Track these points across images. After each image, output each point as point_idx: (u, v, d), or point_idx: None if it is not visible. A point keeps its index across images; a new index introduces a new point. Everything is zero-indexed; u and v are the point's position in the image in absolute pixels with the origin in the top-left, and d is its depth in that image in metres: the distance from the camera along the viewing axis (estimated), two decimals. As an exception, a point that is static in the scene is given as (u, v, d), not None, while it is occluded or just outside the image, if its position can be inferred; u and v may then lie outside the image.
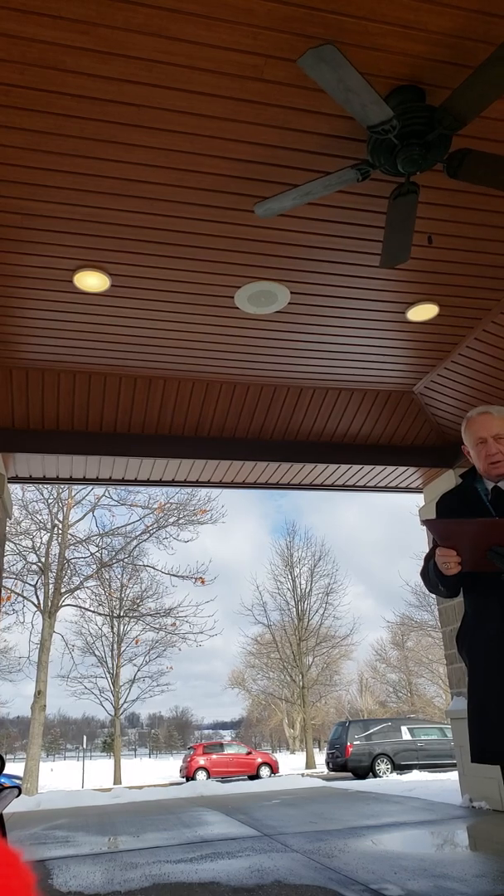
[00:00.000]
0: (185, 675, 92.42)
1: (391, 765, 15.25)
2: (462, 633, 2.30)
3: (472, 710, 2.17)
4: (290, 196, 3.22)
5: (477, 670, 2.19)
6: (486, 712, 2.11)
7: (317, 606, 33.05)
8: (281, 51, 2.81)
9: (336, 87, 2.66)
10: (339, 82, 2.63)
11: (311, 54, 2.49)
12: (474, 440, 2.28)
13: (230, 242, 4.02)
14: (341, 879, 3.45)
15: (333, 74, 2.60)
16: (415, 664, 34.78)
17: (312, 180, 3.18)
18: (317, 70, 2.59)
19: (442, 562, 2.08)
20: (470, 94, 2.65)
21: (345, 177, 3.14)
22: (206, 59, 2.84)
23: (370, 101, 2.71)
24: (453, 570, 2.06)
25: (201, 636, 22.18)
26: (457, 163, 3.01)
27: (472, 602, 2.27)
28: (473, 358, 5.35)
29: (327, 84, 2.66)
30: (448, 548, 2.07)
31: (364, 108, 2.76)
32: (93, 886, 3.59)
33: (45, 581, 19.52)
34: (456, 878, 3.37)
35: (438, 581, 2.19)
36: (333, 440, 6.32)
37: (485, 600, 2.18)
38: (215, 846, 4.62)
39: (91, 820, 6.56)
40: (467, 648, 2.26)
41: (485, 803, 5.78)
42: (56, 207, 3.65)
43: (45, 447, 5.70)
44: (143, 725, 74.99)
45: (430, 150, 2.93)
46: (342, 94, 2.69)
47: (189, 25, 2.70)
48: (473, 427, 2.29)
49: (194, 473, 6.50)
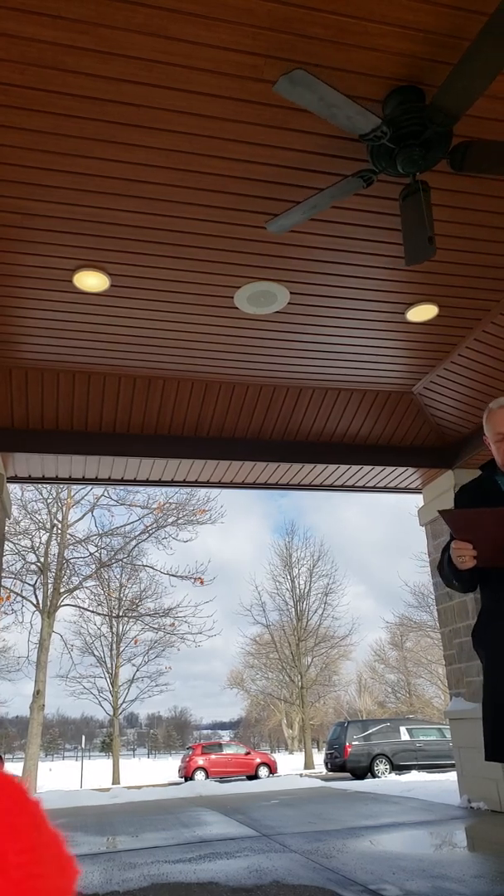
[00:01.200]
0: (185, 675, 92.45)
1: (390, 765, 15.25)
2: (478, 628, 2.27)
3: (487, 707, 2.15)
4: (299, 211, 3.29)
5: (492, 666, 2.18)
6: (500, 709, 2.10)
7: (315, 607, 33.08)
8: (281, 51, 2.81)
9: (318, 106, 2.73)
10: (319, 101, 2.70)
11: (285, 80, 2.58)
12: (494, 435, 2.24)
13: (230, 243, 4.02)
14: (340, 880, 3.45)
15: (312, 95, 2.67)
16: (413, 665, 34.77)
17: (318, 192, 3.23)
18: (294, 93, 2.67)
19: (457, 555, 2.04)
20: (455, 89, 2.65)
21: (350, 186, 3.16)
22: (206, 59, 2.84)
23: (354, 112, 2.76)
24: (468, 563, 2.03)
25: (200, 636, 22.15)
26: (460, 156, 2.99)
27: (487, 596, 2.23)
28: (473, 358, 5.35)
29: (308, 104, 2.73)
30: (464, 540, 2.03)
31: (350, 120, 2.81)
32: (91, 886, 3.58)
33: (44, 581, 19.50)
34: (454, 878, 3.37)
35: (453, 575, 2.16)
36: (333, 440, 6.32)
37: (501, 595, 2.15)
38: (214, 846, 4.61)
39: (89, 820, 6.56)
40: (482, 643, 2.23)
41: (483, 804, 5.78)
42: (56, 207, 3.65)
43: (44, 447, 5.70)
44: (142, 725, 75.00)
45: (430, 148, 2.93)
46: (325, 110, 2.76)
47: (189, 25, 2.70)
48: (494, 421, 2.25)
49: (193, 473, 6.49)
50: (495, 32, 2.42)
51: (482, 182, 3.60)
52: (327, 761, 16.81)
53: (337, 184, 3.19)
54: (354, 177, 3.14)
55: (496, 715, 2.11)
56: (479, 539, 2.01)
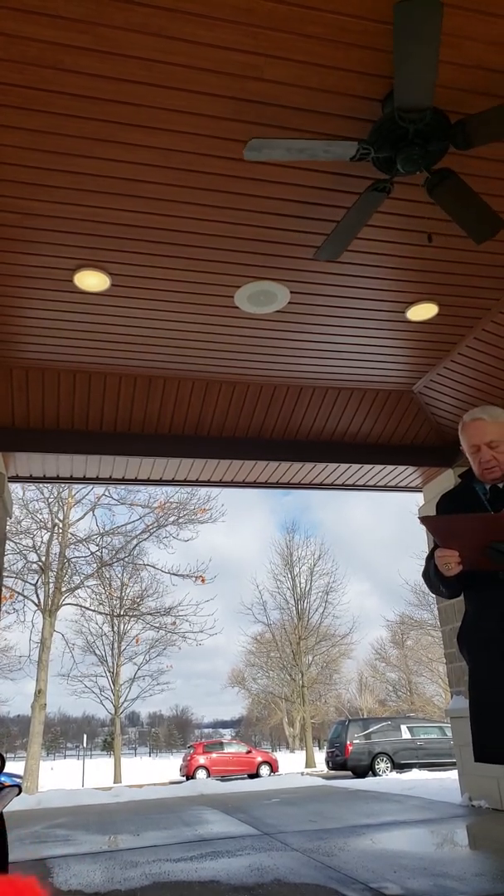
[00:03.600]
0: (188, 673, 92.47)
1: (391, 763, 15.26)
2: (462, 631, 2.31)
3: (473, 709, 2.17)
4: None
5: (477, 668, 2.20)
6: (486, 711, 2.11)
7: (316, 605, 33.10)
8: (281, 50, 2.81)
9: (292, 155, 2.86)
10: (288, 152, 2.86)
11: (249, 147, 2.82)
12: (469, 447, 2.29)
13: (230, 242, 4.02)
14: (341, 878, 3.45)
15: (278, 150, 2.81)
16: (414, 663, 34.80)
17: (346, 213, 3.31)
18: (264, 154, 2.83)
19: (442, 563, 2.07)
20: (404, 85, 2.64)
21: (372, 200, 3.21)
22: (206, 58, 2.84)
23: (326, 147, 2.85)
24: (454, 570, 2.06)
25: (201, 635, 22.17)
26: (461, 137, 2.95)
27: (471, 600, 2.27)
28: (473, 357, 5.35)
29: (283, 157, 2.86)
30: (447, 547, 2.07)
31: (328, 153, 2.90)
32: (93, 885, 3.59)
33: (46, 580, 19.52)
34: (455, 876, 3.38)
35: (439, 582, 2.19)
36: (333, 439, 6.32)
37: (484, 598, 2.18)
38: (215, 845, 4.62)
39: (91, 818, 6.57)
40: (468, 646, 2.26)
41: (484, 802, 5.79)
42: (56, 207, 3.65)
43: (45, 446, 5.70)
44: (144, 724, 75.06)
45: (428, 142, 2.91)
46: (300, 155, 2.88)
47: (188, 25, 2.70)
48: (467, 434, 2.30)
49: (194, 473, 6.50)
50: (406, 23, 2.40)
51: (479, 180, 3.60)
52: (328, 760, 16.82)
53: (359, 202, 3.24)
54: (371, 191, 3.16)
55: (482, 717, 2.13)
56: (461, 544, 2.04)
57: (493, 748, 2.09)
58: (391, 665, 38.13)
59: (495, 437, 2.23)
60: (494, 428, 2.24)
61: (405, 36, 2.43)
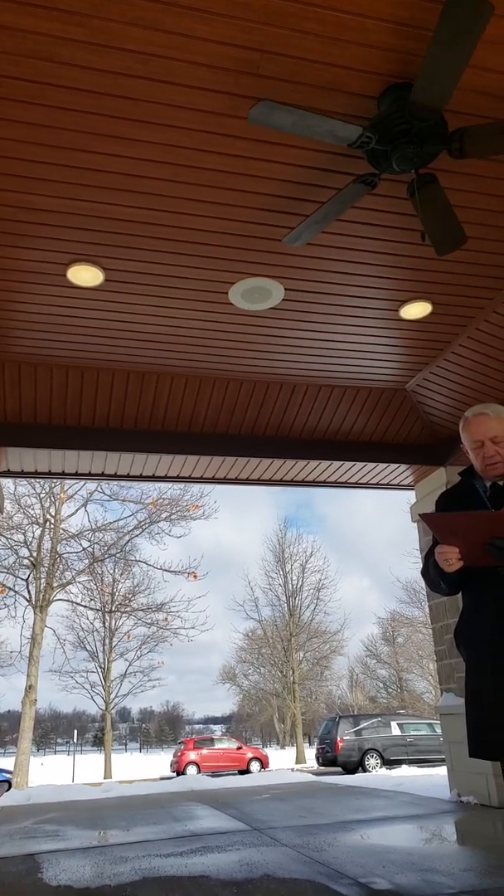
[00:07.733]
0: (181, 669, 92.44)
1: (381, 760, 15.34)
2: (460, 627, 2.31)
3: (469, 705, 2.18)
4: (312, 222, 3.36)
5: (474, 664, 2.20)
6: (482, 707, 2.12)
7: (308, 602, 33.17)
8: (277, 46, 2.80)
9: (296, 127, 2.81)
10: (294, 124, 2.80)
11: (260, 106, 2.72)
12: (472, 443, 2.29)
13: (224, 238, 4.01)
14: (330, 873, 3.47)
15: (287, 118, 2.77)
16: (405, 660, 34.95)
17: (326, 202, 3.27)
18: (271, 119, 2.78)
19: (443, 559, 2.08)
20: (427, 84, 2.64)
21: (355, 191, 3.19)
22: (203, 53, 2.83)
23: (331, 127, 2.81)
24: (454, 566, 2.06)
25: (193, 631, 22.19)
26: (458, 145, 2.97)
27: (469, 596, 2.27)
28: (466, 356, 5.37)
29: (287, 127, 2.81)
30: (447, 543, 2.07)
31: (331, 133, 2.86)
32: (83, 880, 3.60)
33: (37, 575, 19.48)
34: (443, 871, 3.40)
35: (439, 578, 2.19)
36: (326, 437, 6.33)
37: (482, 594, 2.19)
38: (205, 840, 4.63)
39: (81, 814, 6.57)
40: (465, 642, 2.27)
41: (473, 798, 5.83)
42: (50, 201, 3.64)
43: (37, 441, 5.69)
44: (134, 720, 75.12)
45: (425, 143, 2.92)
46: (305, 130, 2.83)
47: (185, 19, 2.69)
48: (470, 429, 2.30)
49: (187, 469, 6.50)
50: (451, 23, 2.41)
51: (475, 180, 3.61)
52: (319, 756, 16.89)
53: (342, 191, 3.21)
54: (356, 183, 3.14)
55: (478, 712, 2.14)
56: (462, 541, 2.05)
57: (488, 744, 2.09)
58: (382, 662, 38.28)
59: (498, 433, 2.24)
60: (497, 424, 2.26)
61: (447, 34, 2.42)
